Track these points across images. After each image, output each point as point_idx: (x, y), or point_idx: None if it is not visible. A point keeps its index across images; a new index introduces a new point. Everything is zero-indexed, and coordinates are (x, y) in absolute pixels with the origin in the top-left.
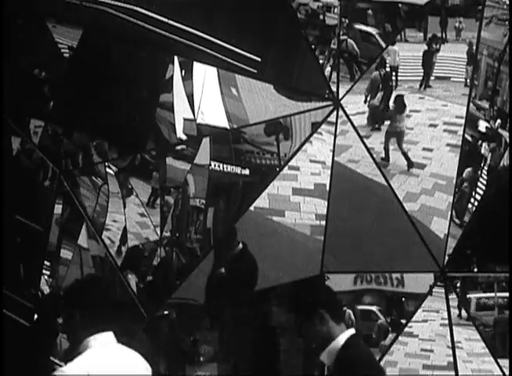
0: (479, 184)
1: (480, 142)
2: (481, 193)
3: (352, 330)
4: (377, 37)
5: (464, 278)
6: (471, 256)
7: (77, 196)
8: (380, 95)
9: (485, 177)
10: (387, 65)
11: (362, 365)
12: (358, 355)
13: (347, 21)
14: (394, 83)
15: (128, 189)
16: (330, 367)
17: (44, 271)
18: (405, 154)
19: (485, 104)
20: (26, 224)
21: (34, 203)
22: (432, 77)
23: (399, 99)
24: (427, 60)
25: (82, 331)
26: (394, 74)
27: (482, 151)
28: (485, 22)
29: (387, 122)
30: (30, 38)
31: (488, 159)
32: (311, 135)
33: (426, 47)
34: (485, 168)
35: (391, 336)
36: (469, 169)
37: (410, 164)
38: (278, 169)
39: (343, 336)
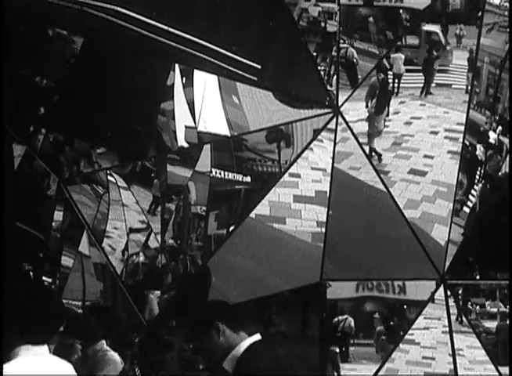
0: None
1: (479, 148)
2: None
3: (256, 337)
4: (440, 34)
5: (466, 285)
6: (473, 263)
7: (77, 204)
8: (375, 100)
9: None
10: (391, 72)
11: (262, 371)
12: (258, 361)
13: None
14: (396, 90)
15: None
16: (233, 374)
17: (45, 278)
18: (374, 150)
19: (486, 111)
20: (26, 231)
21: (35, 210)
22: (433, 84)
23: (380, 100)
24: (428, 67)
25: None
26: (397, 80)
27: (480, 157)
28: (487, 29)
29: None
30: (32, 46)
31: (487, 166)
32: (310, 142)
33: (426, 54)
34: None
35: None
36: (480, 185)
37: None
38: (278, 176)
39: (245, 343)
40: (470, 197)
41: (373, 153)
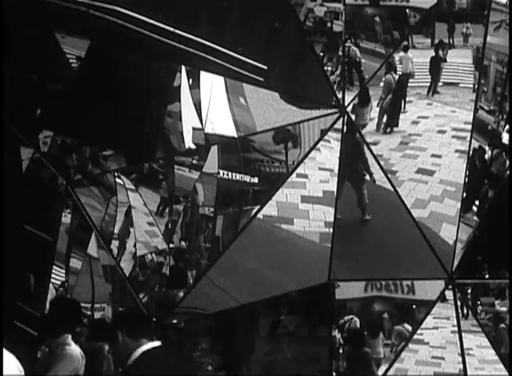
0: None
1: (486, 147)
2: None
3: (154, 343)
4: None
5: (475, 285)
6: (482, 262)
7: (85, 206)
8: (389, 97)
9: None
10: (400, 72)
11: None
12: (151, 365)
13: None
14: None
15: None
16: None
17: (53, 280)
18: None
19: (494, 110)
20: (34, 233)
21: (43, 213)
22: (440, 83)
23: (363, 93)
24: (435, 66)
25: None
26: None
27: (487, 157)
28: (494, 27)
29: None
30: (39, 49)
31: (493, 165)
32: (317, 142)
33: (433, 53)
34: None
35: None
36: (488, 184)
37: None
38: (286, 177)
39: (141, 348)
40: (478, 196)
41: None
